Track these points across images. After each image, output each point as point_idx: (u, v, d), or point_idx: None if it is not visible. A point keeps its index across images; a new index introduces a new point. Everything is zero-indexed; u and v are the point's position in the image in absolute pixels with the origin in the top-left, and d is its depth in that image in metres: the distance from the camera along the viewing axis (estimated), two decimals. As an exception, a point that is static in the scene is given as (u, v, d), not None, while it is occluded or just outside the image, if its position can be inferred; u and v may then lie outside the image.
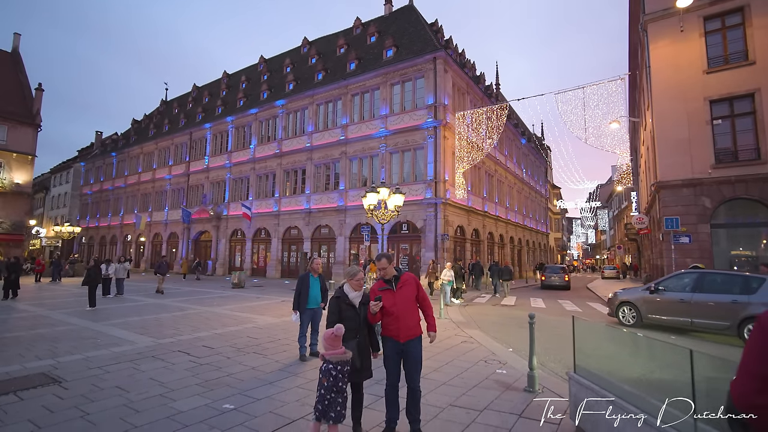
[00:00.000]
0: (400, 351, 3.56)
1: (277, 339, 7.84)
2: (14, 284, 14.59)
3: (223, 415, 4.13)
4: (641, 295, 9.64)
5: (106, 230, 41.11)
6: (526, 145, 36.15)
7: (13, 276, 14.49)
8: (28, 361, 6.10)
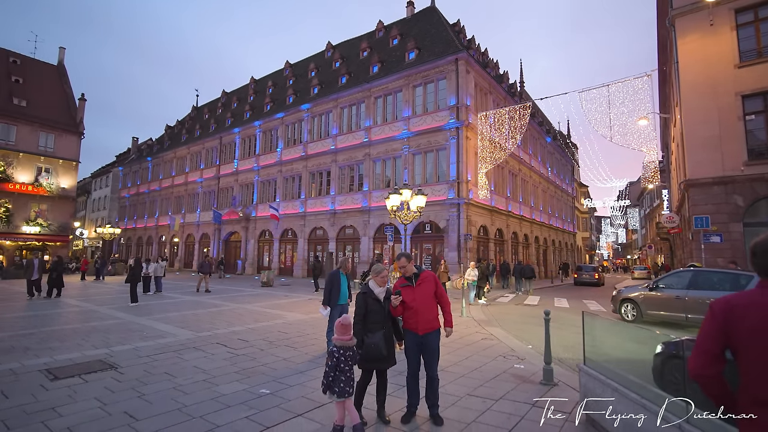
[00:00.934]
0: (419, 342, 3.90)
1: (305, 334, 8.32)
2: (58, 282, 14.87)
3: (261, 398, 4.60)
4: (641, 293, 10.25)
5: (142, 231, 43.20)
6: (552, 144, 35.62)
7: (54, 274, 14.79)
8: (86, 350, 6.80)
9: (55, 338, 7.72)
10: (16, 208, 30.17)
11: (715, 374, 1.66)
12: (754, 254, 1.73)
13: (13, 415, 4.06)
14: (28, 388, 4.91)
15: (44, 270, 14.49)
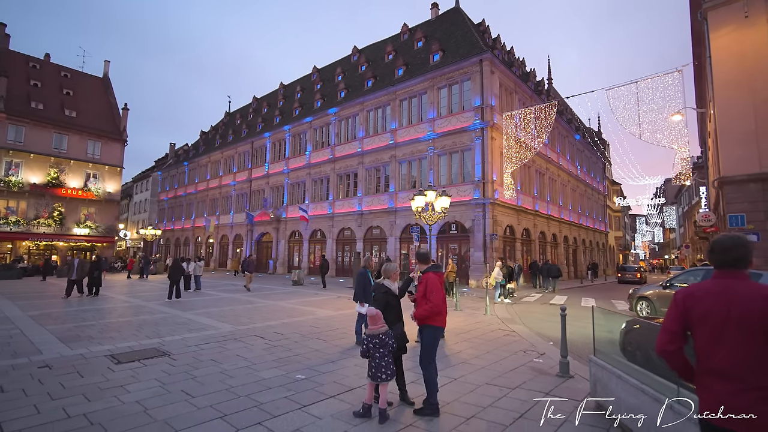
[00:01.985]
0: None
1: (335, 328, 8.86)
2: (97, 282, 14.97)
3: (297, 382, 5.13)
4: (656, 291, 10.61)
5: (180, 232, 45.39)
6: (581, 141, 34.91)
7: (96, 273, 14.94)
8: (141, 339, 7.58)
9: (112, 329, 8.60)
10: (68, 211, 32.52)
11: (675, 350, 2.01)
12: (712, 251, 2.06)
13: (90, 391, 4.77)
14: (97, 369, 5.65)
15: (84, 270, 14.67)
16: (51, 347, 6.92)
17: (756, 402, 1.74)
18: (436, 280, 4.18)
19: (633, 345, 4.76)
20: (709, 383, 1.90)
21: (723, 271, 1.98)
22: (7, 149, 29.81)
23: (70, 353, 6.53)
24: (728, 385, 1.82)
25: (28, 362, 6.00)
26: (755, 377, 1.76)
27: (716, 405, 1.85)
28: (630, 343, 4.86)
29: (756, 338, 1.77)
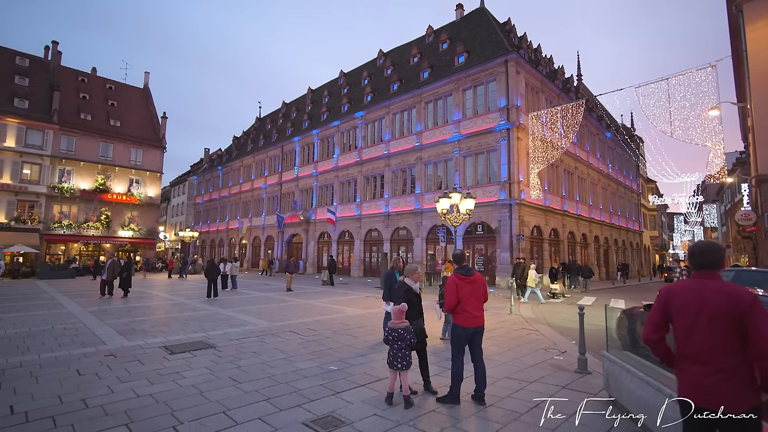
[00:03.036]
0: None
1: (364, 326, 9.34)
2: (126, 283, 15.08)
3: (330, 373, 5.63)
4: None
5: (215, 234, 47.37)
6: (612, 138, 34.03)
7: (125, 274, 15.07)
8: (189, 333, 8.33)
9: (162, 324, 9.43)
10: (114, 215, 34.72)
11: (658, 339, 2.35)
12: (691, 254, 2.37)
13: (152, 376, 5.44)
14: (155, 358, 6.36)
15: (114, 271, 14.86)
16: (112, 339, 7.75)
17: (719, 381, 2.06)
18: (453, 280, 4.56)
19: (624, 331, 5.36)
20: (685, 366, 2.23)
21: (699, 272, 2.30)
22: (60, 158, 32.18)
23: (129, 344, 7.32)
24: (700, 368, 2.15)
25: (96, 351, 6.81)
26: (720, 361, 2.08)
27: (690, 384, 2.18)
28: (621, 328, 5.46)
29: (722, 329, 2.09)
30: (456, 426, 3.94)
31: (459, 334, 4.55)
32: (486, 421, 4.05)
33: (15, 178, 30.02)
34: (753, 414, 2.02)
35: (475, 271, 4.74)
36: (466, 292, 4.49)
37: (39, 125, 31.27)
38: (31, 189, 30.71)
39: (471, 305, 4.48)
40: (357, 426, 3.90)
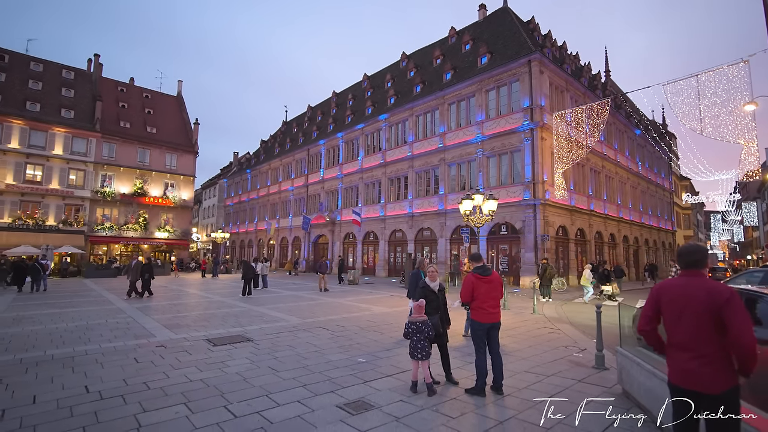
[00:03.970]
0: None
1: (389, 323, 9.78)
2: (147, 284, 15.09)
3: (359, 364, 6.10)
4: None
5: (244, 235, 48.97)
6: (642, 135, 33.14)
7: (146, 276, 15.03)
8: (227, 328, 8.99)
9: (203, 320, 10.17)
10: (151, 217, 36.55)
11: (651, 329, 2.67)
12: (679, 255, 2.68)
13: (199, 364, 6.06)
14: (200, 349, 7.01)
15: (137, 272, 14.87)
16: (160, 332, 8.50)
17: (701, 365, 2.38)
18: (470, 279, 4.94)
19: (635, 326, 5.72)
20: (673, 353, 2.55)
21: (686, 270, 2.61)
22: (102, 164, 34.19)
23: (176, 337, 8.02)
24: (685, 354, 2.46)
25: (147, 342, 7.53)
26: (701, 348, 2.40)
27: (677, 369, 2.50)
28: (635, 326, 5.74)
29: (703, 321, 2.40)
30: (475, 412, 4.32)
31: (476, 329, 4.91)
32: (503, 408, 4.41)
33: (62, 184, 32.13)
34: (731, 394, 2.33)
35: (493, 271, 5.08)
36: (482, 291, 4.85)
37: (83, 134, 33.34)
38: (77, 193, 32.77)
39: (488, 303, 4.84)
40: (385, 409, 4.34)
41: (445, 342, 5.31)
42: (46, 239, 29.98)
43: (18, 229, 29.61)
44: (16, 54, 35.38)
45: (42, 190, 31.12)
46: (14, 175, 30.12)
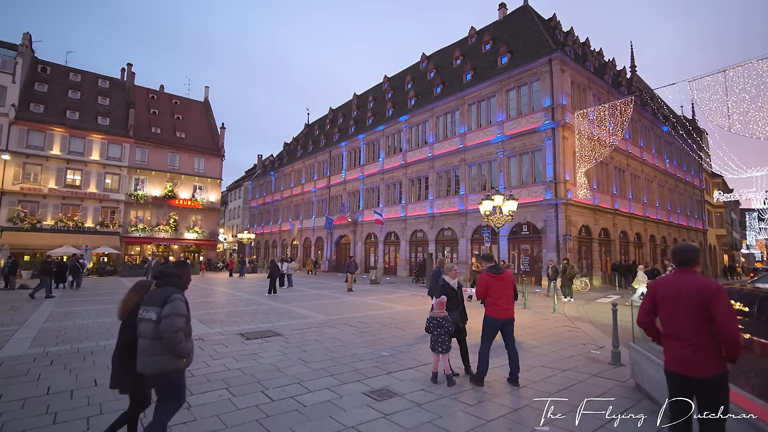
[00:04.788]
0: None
1: (411, 320, 10.13)
2: None
3: (382, 357, 6.48)
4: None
5: (269, 236, 50.21)
6: (670, 132, 32.24)
7: None
8: (258, 324, 9.55)
9: (234, 316, 10.78)
10: (181, 218, 38.04)
11: (648, 322, 2.95)
12: (673, 254, 2.94)
13: (235, 355, 6.57)
14: (235, 342, 7.54)
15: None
16: (197, 327, 9.11)
17: (692, 353, 2.64)
18: (484, 278, 5.26)
19: None
20: (667, 343, 2.82)
21: (679, 268, 2.87)
22: (135, 168, 35.85)
23: (211, 331, 8.61)
24: (678, 343, 2.73)
25: (187, 336, 8.12)
26: (692, 337, 2.66)
27: (671, 356, 2.77)
28: None
29: (693, 313, 2.67)
30: (491, 400, 4.63)
31: (491, 324, 5.25)
32: (517, 398, 4.70)
33: (99, 187, 33.88)
34: (719, 378, 2.58)
35: (505, 269, 5.38)
36: (496, 288, 5.16)
37: (118, 140, 35.05)
38: (112, 197, 34.48)
39: (502, 299, 5.15)
40: (407, 397, 4.71)
41: (464, 336, 5.64)
42: (85, 240, 31.69)
43: (60, 231, 31.43)
44: (57, 66, 37.51)
45: (81, 194, 32.91)
46: (56, 180, 31.99)
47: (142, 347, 3.10)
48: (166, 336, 3.00)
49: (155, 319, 3.06)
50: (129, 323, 3.30)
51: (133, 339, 3.19)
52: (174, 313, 3.04)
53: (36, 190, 31.04)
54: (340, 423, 3.98)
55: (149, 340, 3.07)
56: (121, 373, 3.29)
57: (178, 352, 3.08)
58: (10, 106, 30.29)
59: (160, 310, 3.06)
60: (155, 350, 3.05)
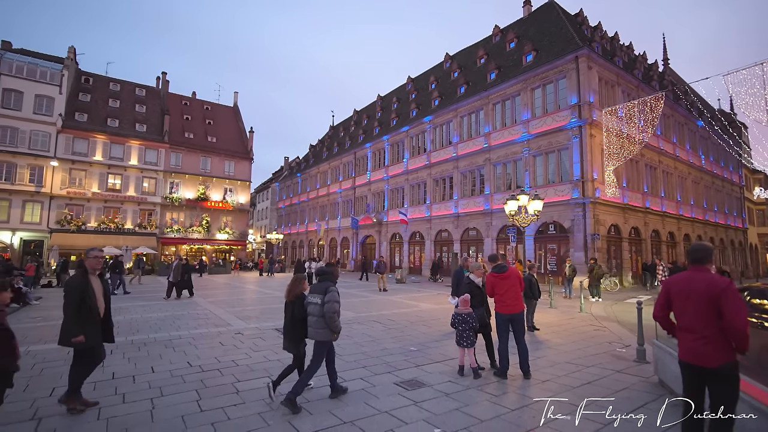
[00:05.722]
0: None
1: (437, 318, 10.41)
2: (187, 285, 15.16)
3: (411, 352, 6.82)
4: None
5: (296, 236, 51.39)
6: (705, 127, 31.04)
7: (186, 276, 15.02)
8: (291, 320, 10.05)
9: (268, 312, 11.36)
10: (212, 220, 39.53)
11: (663, 316, 3.17)
12: (688, 253, 3.14)
13: (274, 348, 7.04)
14: (271, 337, 8.04)
15: (177, 273, 14.72)
16: (235, 322, 9.72)
17: (703, 344, 2.85)
18: (489, 278, 5.62)
19: None
20: (681, 335, 3.04)
21: (692, 266, 3.07)
22: (170, 172, 37.54)
23: (249, 326, 9.17)
24: (690, 335, 2.94)
25: (227, 330, 8.72)
26: (703, 330, 2.87)
27: (684, 348, 2.98)
28: None
29: (704, 307, 2.87)
30: (514, 392, 4.89)
31: (500, 319, 5.55)
32: (541, 390, 4.94)
33: (138, 191, 35.69)
34: (728, 367, 2.78)
35: (509, 267, 5.66)
36: (501, 287, 5.48)
37: (154, 145, 36.82)
38: (149, 199, 36.25)
39: (508, 296, 5.45)
40: (435, 387, 5.02)
41: (490, 332, 5.90)
42: (125, 241, 33.45)
43: (102, 232, 33.32)
44: (98, 76, 39.72)
45: (121, 197, 34.77)
46: (98, 184, 33.93)
47: (311, 322, 4.55)
48: (327, 316, 4.38)
49: (320, 303, 4.44)
50: (293, 303, 4.79)
51: (294, 316, 4.70)
52: (332, 300, 4.41)
53: (81, 194, 33.03)
54: (374, 408, 4.35)
55: (316, 317, 4.49)
56: (292, 337, 4.80)
57: (334, 329, 4.48)
58: (58, 116, 32.37)
59: (323, 297, 4.43)
60: (320, 325, 4.48)
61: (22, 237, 30.69)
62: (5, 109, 30.43)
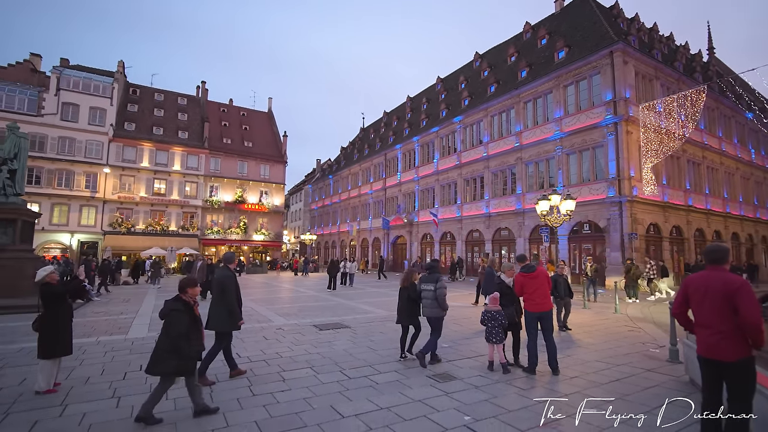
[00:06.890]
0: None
1: (468, 317, 10.62)
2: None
3: (443, 348, 7.11)
4: None
5: (328, 237, 52.51)
6: (754, 119, 29.29)
7: (210, 277, 13.85)
8: (327, 317, 10.57)
9: (305, 310, 11.95)
10: (249, 221, 41.15)
11: (682, 312, 3.35)
12: (704, 254, 3.30)
13: (312, 342, 7.54)
14: (310, 332, 8.56)
15: (202, 274, 14.31)
16: (276, 318, 10.34)
17: (720, 340, 3.02)
18: (518, 277, 5.81)
19: None
20: (698, 331, 3.21)
21: (710, 265, 3.23)
22: (210, 176, 39.43)
23: (289, 323, 9.75)
24: (707, 331, 3.11)
25: (269, 326, 9.33)
26: (720, 326, 3.03)
27: (702, 343, 3.16)
28: None
29: (719, 304, 3.04)
30: (543, 387, 5.10)
31: (529, 317, 5.75)
32: (570, 386, 5.12)
33: (180, 195, 37.73)
34: (744, 361, 2.94)
35: (538, 267, 5.82)
36: (530, 286, 5.67)
37: (195, 151, 38.79)
38: (191, 203, 38.23)
39: (537, 295, 5.64)
40: (466, 380, 5.32)
41: (519, 330, 6.11)
42: (170, 242, 35.45)
43: (149, 234, 35.49)
44: (144, 87, 42.26)
45: (165, 201, 36.88)
46: (146, 189, 36.16)
47: (425, 305, 6.16)
48: (440, 299, 5.95)
49: (432, 290, 6.01)
50: (407, 288, 6.37)
51: (409, 297, 6.30)
52: (442, 287, 6.00)
53: (130, 198, 35.32)
54: (408, 397, 4.70)
55: (430, 300, 6.05)
56: (409, 314, 6.39)
57: (444, 307, 6.05)
58: (109, 126, 34.77)
59: (435, 285, 6.00)
60: (433, 305, 6.04)
61: (80, 239, 33.21)
62: (64, 122, 33.06)
